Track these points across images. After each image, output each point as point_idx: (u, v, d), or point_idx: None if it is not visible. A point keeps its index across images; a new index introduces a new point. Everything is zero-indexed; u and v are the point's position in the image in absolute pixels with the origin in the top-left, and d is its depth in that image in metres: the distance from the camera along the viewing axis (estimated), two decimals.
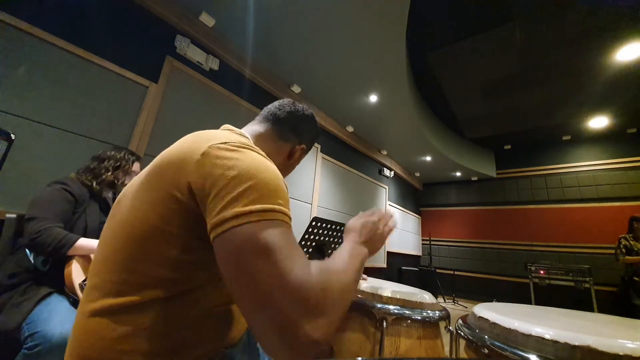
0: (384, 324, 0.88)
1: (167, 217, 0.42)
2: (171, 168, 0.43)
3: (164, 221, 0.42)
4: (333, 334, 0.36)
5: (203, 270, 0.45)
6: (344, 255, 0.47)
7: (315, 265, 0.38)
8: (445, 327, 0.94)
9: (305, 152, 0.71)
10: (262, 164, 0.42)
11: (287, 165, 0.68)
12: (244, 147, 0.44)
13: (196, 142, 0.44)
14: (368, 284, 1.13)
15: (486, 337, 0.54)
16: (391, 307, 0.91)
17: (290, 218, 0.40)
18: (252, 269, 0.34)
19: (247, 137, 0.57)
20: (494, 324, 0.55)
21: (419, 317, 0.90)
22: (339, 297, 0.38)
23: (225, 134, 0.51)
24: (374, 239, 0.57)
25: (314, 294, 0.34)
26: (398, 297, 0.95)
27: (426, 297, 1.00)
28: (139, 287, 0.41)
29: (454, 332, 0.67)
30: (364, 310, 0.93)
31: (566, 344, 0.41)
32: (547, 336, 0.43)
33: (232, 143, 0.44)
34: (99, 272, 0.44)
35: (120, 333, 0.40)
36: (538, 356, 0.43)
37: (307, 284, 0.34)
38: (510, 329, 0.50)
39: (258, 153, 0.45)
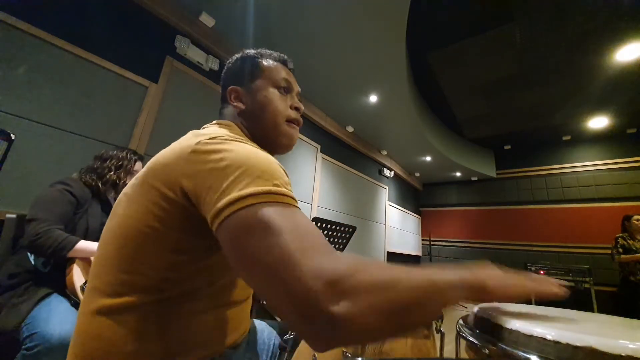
0: None
1: (161, 217, 0.41)
2: (164, 169, 0.43)
3: (158, 222, 0.41)
4: (365, 330, 0.29)
5: (201, 270, 0.45)
6: (420, 268, 0.35)
7: (348, 254, 0.34)
8: (436, 328, 0.94)
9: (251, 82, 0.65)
10: (252, 151, 0.42)
11: (253, 111, 0.61)
12: (231, 140, 0.44)
13: (186, 140, 0.45)
14: None
15: (487, 337, 0.54)
16: None
17: (289, 197, 0.38)
18: (253, 250, 0.32)
19: (233, 128, 0.58)
20: (495, 324, 0.55)
21: None
22: (375, 287, 0.30)
23: (213, 129, 0.52)
24: (498, 276, 0.39)
25: (332, 272, 0.29)
26: None
27: None
28: (137, 288, 0.41)
29: (456, 332, 0.66)
30: None
31: (568, 345, 0.41)
32: (549, 337, 0.43)
33: (221, 137, 0.44)
34: (98, 274, 0.44)
35: (120, 335, 0.40)
36: (539, 357, 0.42)
37: (321, 261, 0.30)
38: (511, 329, 0.50)
39: (246, 144, 0.45)
